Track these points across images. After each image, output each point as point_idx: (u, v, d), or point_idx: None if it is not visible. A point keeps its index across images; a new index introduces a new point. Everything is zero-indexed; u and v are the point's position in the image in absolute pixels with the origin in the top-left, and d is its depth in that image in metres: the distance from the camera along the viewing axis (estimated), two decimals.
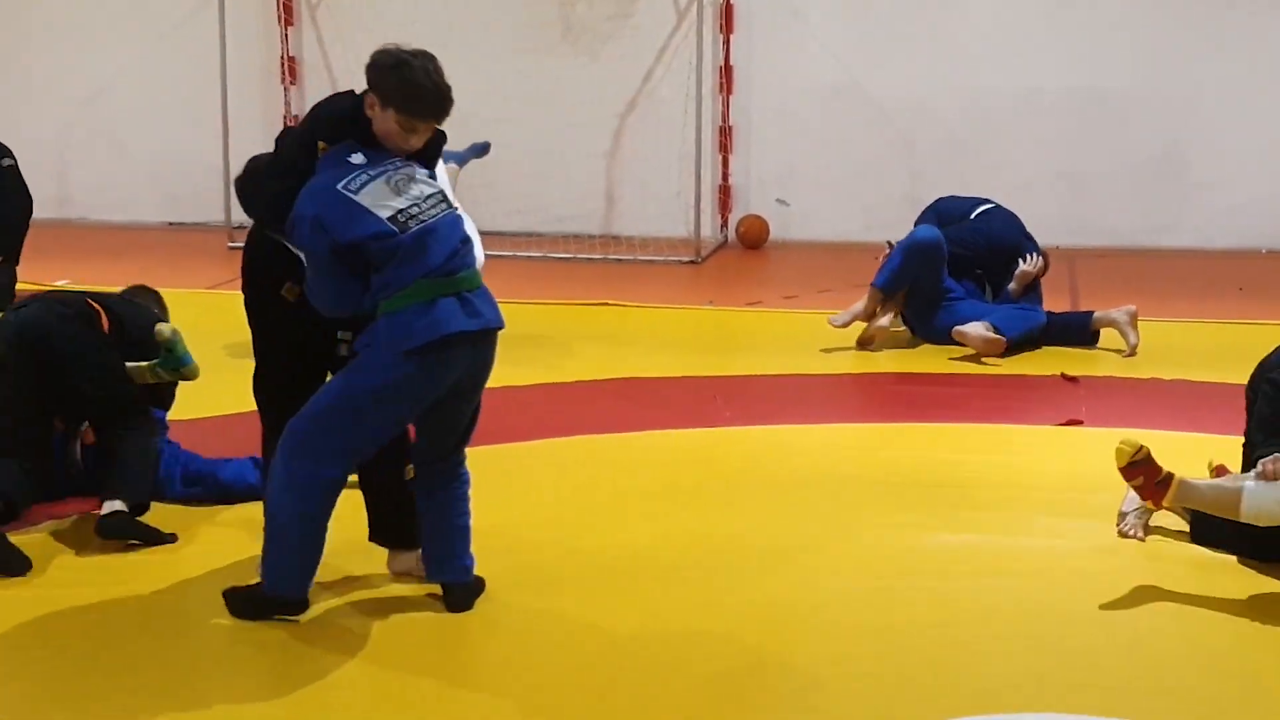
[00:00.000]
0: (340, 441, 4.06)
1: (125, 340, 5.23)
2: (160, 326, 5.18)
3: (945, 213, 8.12)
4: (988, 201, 8.25)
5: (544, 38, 11.35)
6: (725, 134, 11.38)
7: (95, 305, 5.24)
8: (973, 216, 8.09)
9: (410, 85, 4.10)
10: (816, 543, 4.97)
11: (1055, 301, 8.37)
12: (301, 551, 4.14)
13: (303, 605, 4.21)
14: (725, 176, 11.47)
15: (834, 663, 4.06)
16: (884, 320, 7.80)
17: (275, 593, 4.18)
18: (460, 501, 4.34)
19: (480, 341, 4.12)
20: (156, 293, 5.80)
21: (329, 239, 4.00)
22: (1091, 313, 7.88)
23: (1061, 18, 11.07)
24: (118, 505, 4.86)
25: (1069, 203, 11.10)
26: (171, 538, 4.88)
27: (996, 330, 7.54)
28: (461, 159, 7.96)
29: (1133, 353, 7.57)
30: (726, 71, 11.31)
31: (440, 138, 4.34)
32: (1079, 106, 11.07)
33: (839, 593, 4.58)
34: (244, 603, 4.23)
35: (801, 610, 4.45)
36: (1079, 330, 7.81)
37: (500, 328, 4.18)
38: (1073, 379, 7.19)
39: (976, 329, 7.52)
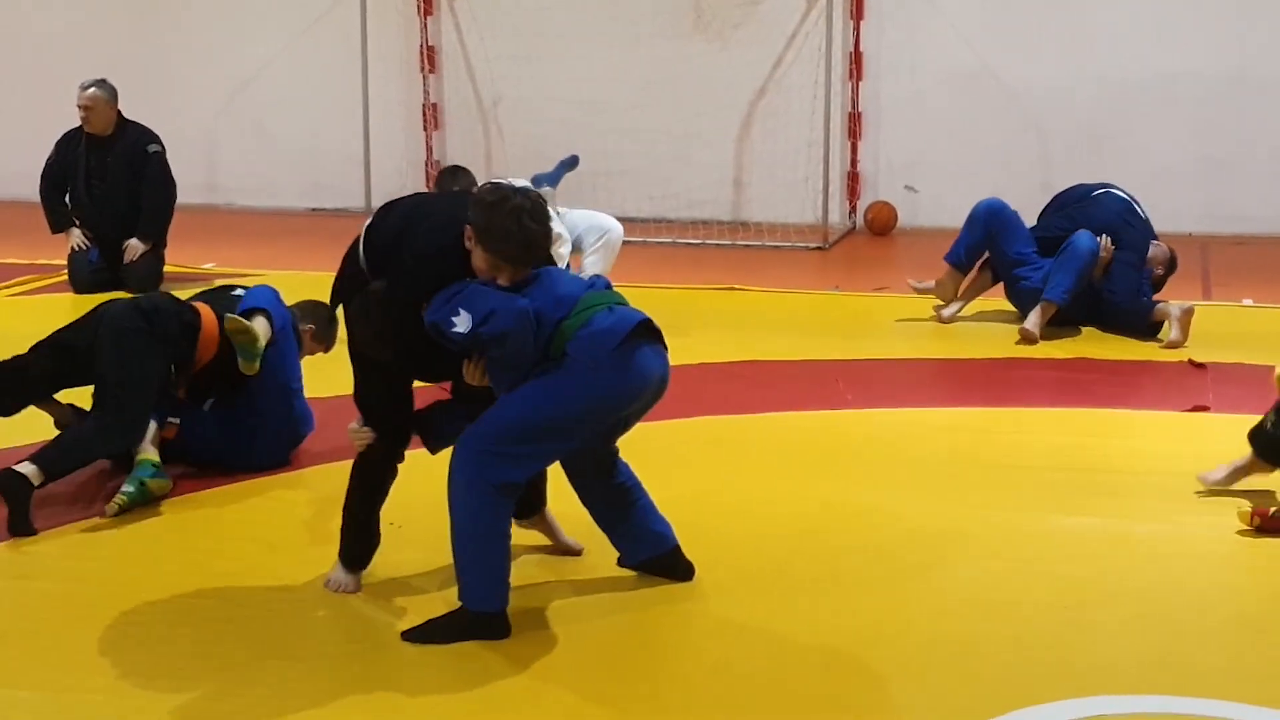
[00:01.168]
0: (526, 453, 4.04)
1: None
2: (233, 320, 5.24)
3: (1063, 196, 8.20)
4: (1108, 186, 8.23)
5: (676, 25, 11.48)
6: (854, 120, 11.42)
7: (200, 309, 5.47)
8: (1086, 198, 8.11)
9: (499, 230, 3.99)
10: (940, 524, 5.03)
11: (1186, 289, 8.31)
12: (499, 564, 4.07)
13: (504, 621, 4.08)
14: (854, 163, 11.50)
15: (956, 641, 4.12)
16: (954, 308, 8.09)
17: (478, 609, 4.06)
18: (634, 483, 4.42)
19: (661, 350, 4.16)
20: (327, 314, 5.87)
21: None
22: (1156, 303, 7.80)
23: (1200, 0, 10.93)
24: (25, 468, 4.92)
25: (1205, 189, 10.96)
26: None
27: (1047, 303, 7.66)
28: (554, 179, 8.12)
29: (1171, 346, 7.46)
30: (856, 58, 11.34)
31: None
32: (1216, 91, 10.92)
33: (962, 572, 4.63)
34: (442, 629, 4.09)
35: (924, 588, 4.51)
36: (1138, 320, 7.75)
37: (663, 343, 4.20)
38: (1200, 365, 7.15)
39: (1024, 326, 7.64)
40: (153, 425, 5.28)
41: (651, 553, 4.46)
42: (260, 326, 5.32)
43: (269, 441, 5.56)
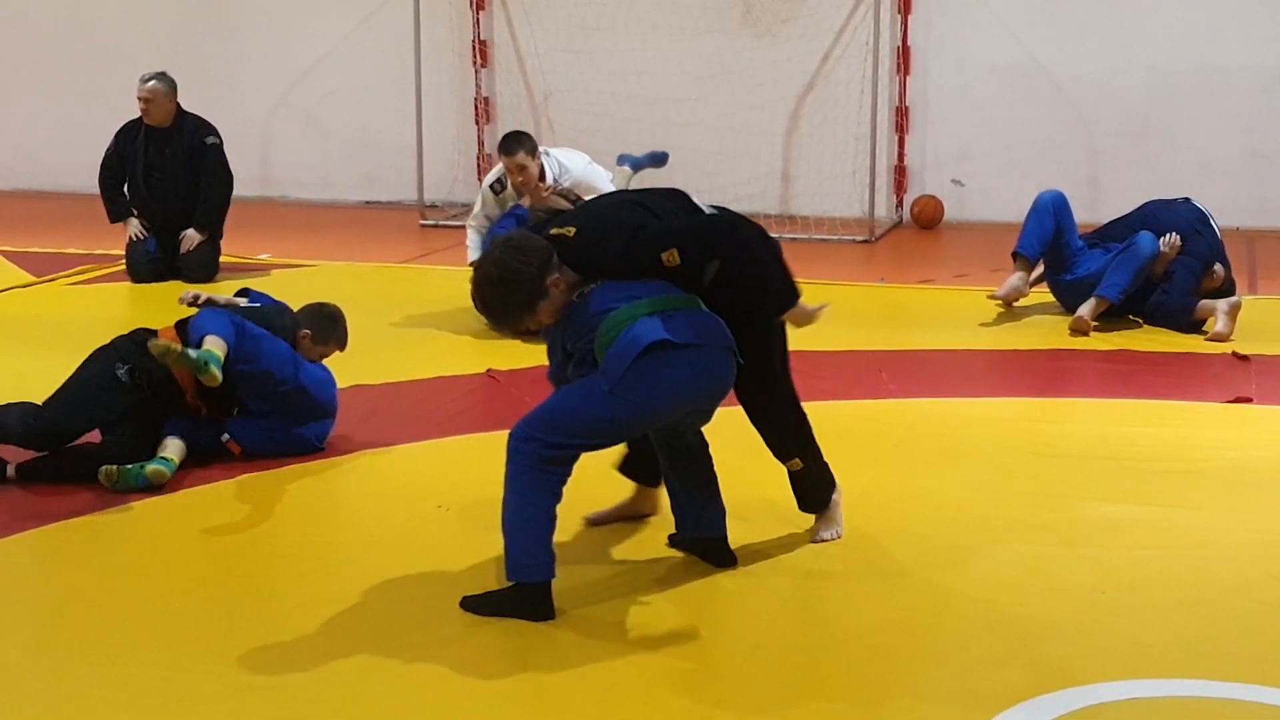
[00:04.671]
0: (566, 443, 4.13)
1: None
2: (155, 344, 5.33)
3: (1145, 207, 8.24)
4: (1189, 199, 8.24)
5: (725, 20, 11.53)
6: (901, 114, 11.44)
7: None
8: (1165, 205, 8.15)
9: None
10: (979, 510, 5.07)
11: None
12: (538, 536, 4.13)
13: (547, 598, 4.16)
14: (901, 157, 11.52)
15: (993, 624, 4.17)
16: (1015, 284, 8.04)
17: (519, 580, 4.15)
18: (707, 467, 4.54)
19: (698, 354, 4.18)
20: (329, 313, 5.95)
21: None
22: (1199, 300, 7.79)
23: None
24: None
25: (1253, 183, 10.91)
26: None
27: (1100, 299, 7.68)
28: (637, 164, 8.20)
29: (1216, 338, 7.46)
30: (904, 52, 11.36)
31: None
32: (1264, 84, 10.88)
33: (1001, 557, 4.68)
34: (490, 601, 4.21)
35: (962, 573, 4.56)
36: (1181, 316, 7.75)
37: (718, 344, 4.21)
38: (1244, 357, 7.17)
39: (1079, 315, 7.68)
40: (180, 442, 5.43)
41: (700, 533, 4.58)
42: (211, 343, 5.34)
43: (303, 419, 5.67)
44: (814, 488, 4.76)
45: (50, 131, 12.93)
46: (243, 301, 5.92)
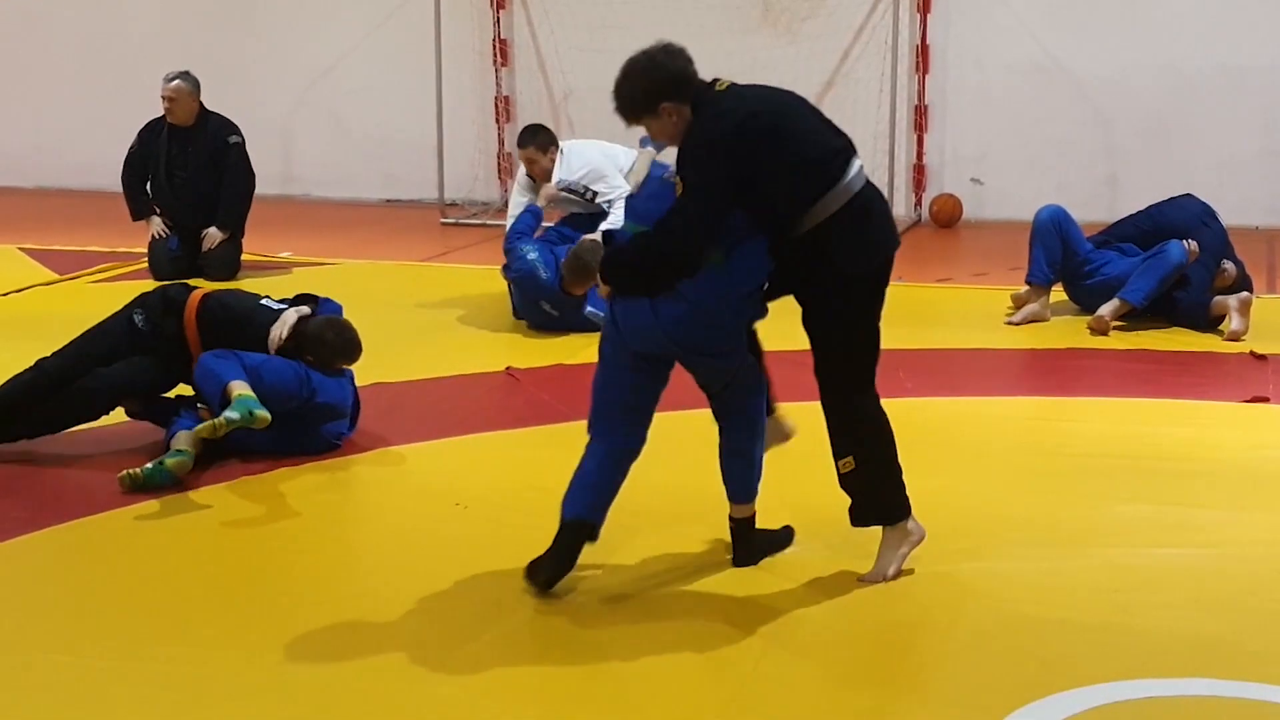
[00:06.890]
0: (597, 407, 4.41)
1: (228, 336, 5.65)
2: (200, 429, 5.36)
3: (1156, 205, 8.24)
4: (1190, 195, 8.26)
5: (744, 18, 11.54)
6: (920, 113, 11.44)
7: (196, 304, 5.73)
8: (1167, 201, 8.16)
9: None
10: (994, 509, 5.09)
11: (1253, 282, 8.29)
12: (582, 472, 4.36)
13: (573, 529, 4.30)
14: (920, 155, 11.52)
15: (1003, 623, 4.19)
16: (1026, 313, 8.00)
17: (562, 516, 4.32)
18: (738, 440, 4.58)
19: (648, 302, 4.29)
20: (329, 340, 5.76)
21: None
22: (1214, 296, 7.80)
23: None
24: None
25: (1272, 182, 10.88)
26: None
27: (1123, 301, 7.67)
28: (660, 145, 8.22)
29: (1233, 337, 7.45)
30: (923, 51, 11.36)
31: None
32: None
33: (1013, 555, 4.69)
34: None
35: (974, 571, 4.57)
36: (1199, 311, 7.76)
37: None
38: (1261, 356, 7.16)
39: (1099, 314, 7.69)
40: (190, 435, 5.43)
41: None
42: (237, 389, 5.35)
43: (316, 424, 5.68)
44: (860, 493, 4.50)
45: (74, 129, 12.99)
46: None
